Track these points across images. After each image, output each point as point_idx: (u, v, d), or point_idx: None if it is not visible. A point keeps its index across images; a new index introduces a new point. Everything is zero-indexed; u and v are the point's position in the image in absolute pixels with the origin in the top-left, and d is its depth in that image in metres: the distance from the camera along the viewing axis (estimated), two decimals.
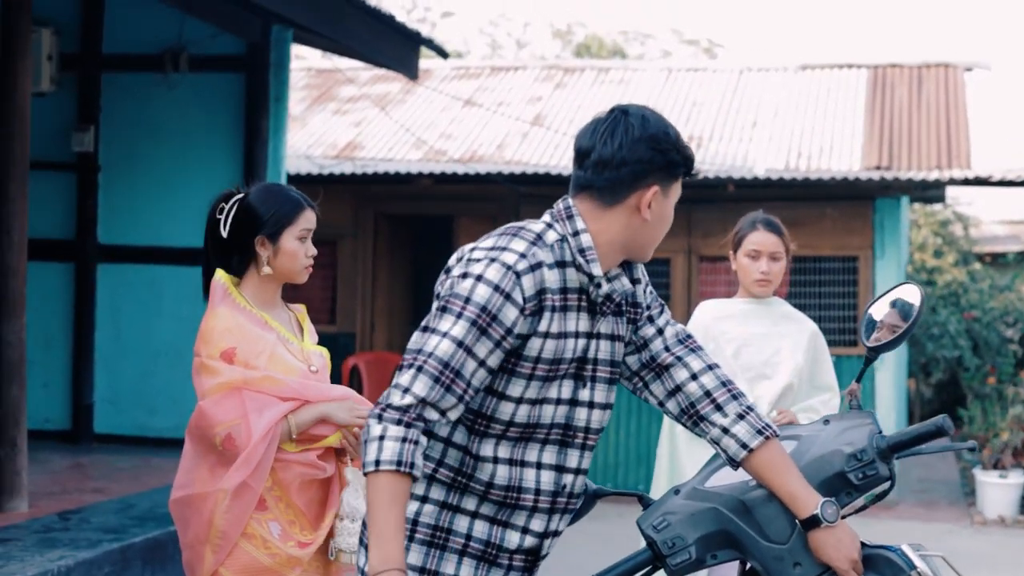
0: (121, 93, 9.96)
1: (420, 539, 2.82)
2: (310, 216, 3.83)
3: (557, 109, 14.63)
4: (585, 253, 2.76)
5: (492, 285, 2.67)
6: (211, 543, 3.64)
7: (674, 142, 2.81)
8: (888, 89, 14.32)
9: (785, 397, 4.96)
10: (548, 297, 2.73)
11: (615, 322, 2.88)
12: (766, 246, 5.00)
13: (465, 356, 2.65)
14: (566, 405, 2.82)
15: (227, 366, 3.67)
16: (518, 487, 2.81)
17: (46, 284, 9.71)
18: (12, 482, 6.81)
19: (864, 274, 11.90)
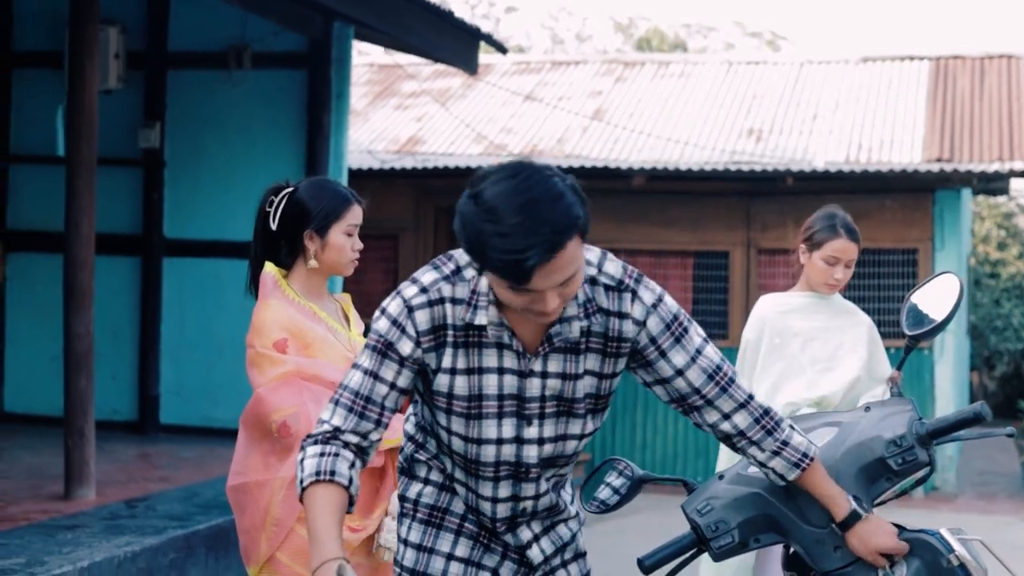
0: (186, 90, 10.14)
1: (420, 518, 2.94)
2: (357, 212, 3.89)
3: (617, 103, 14.67)
4: (478, 297, 2.72)
5: (391, 319, 2.73)
6: (266, 530, 3.74)
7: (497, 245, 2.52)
8: (950, 81, 14.24)
9: (853, 388, 5.01)
10: (449, 333, 2.72)
11: (572, 360, 2.79)
12: (846, 254, 5.03)
13: (373, 382, 2.75)
14: (511, 444, 2.81)
15: (279, 355, 3.76)
16: (477, 509, 2.91)
17: (114, 278, 9.90)
18: (80, 471, 6.96)
19: (924, 266, 11.88)
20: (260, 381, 3.79)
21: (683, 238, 12.53)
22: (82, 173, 7.03)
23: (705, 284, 12.49)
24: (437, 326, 2.72)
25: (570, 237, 2.51)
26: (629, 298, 2.77)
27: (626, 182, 12.56)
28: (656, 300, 2.79)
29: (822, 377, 5.05)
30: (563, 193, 2.54)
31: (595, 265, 2.79)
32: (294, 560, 3.74)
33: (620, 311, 2.77)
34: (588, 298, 2.76)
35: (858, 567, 2.81)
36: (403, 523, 2.98)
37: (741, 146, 13.03)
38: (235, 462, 3.86)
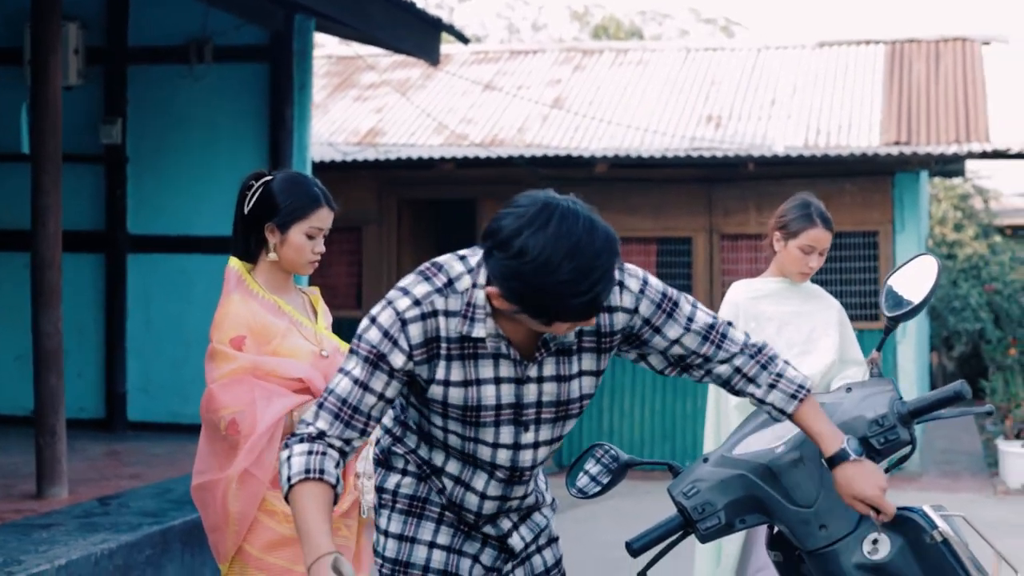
0: (147, 85, 10.09)
1: (400, 508, 2.97)
2: (323, 215, 3.85)
3: (577, 91, 14.72)
4: (474, 310, 2.71)
5: (382, 330, 2.71)
6: (230, 526, 3.78)
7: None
8: (906, 64, 14.36)
9: (829, 373, 5.09)
10: (442, 346, 2.72)
11: (565, 362, 2.81)
12: (821, 242, 5.09)
13: (362, 392, 2.74)
14: (508, 450, 2.84)
15: (235, 352, 3.76)
16: (460, 505, 2.93)
17: (78, 275, 9.85)
18: (52, 469, 6.94)
19: (884, 249, 11.99)
20: (213, 376, 3.80)
21: (646, 225, 12.59)
22: (48, 170, 6.99)
23: (669, 271, 12.55)
24: (430, 339, 2.71)
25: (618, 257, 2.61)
26: (617, 291, 2.79)
27: (588, 170, 12.60)
28: (642, 284, 2.83)
29: (800, 360, 5.12)
30: (592, 220, 2.61)
31: None
32: (262, 551, 3.76)
33: (610, 306, 2.79)
34: None
35: (843, 545, 2.86)
36: (382, 514, 3.00)
37: (701, 132, 13.10)
38: (197, 461, 3.89)
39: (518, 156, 12.47)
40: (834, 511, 2.88)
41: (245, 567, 3.79)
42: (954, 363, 17.78)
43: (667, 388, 12.35)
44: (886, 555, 2.83)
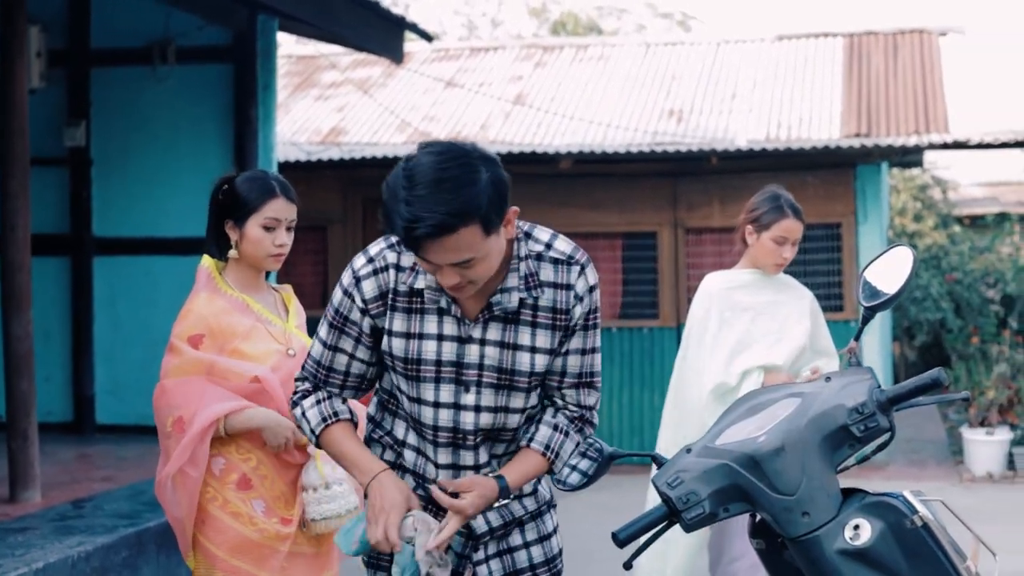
0: (111, 87, 10.06)
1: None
2: (279, 206, 3.86)
3: (538, 88, 14.76)
4: (416, 265, 2.88)
5: (343, 289, 2.94)
6: (182, 522, 3.82)
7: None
8: (864, 57, 14.47)
9: (799, 358, 5.17)
10: (392, 298, 2.90)
11: (512, 330, 2.93)
12: (793, 233, 5.17)
13: (332, 354, 2.99)
14: (448, 409, 2.94)
15: (191, 350, 3.79)
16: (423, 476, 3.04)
17: (44, 278, 9.80)
18: (25, 473, 6.94)
19: (848, 240, 12.08)
20: (166, 369, 3.83)
21: (611, 220, 12.64)
22: (16, 174, 6.99)
23: (634, 265, 12.61)
24: (383, 292, 2.89)
25: (464, 223, 2.65)
26: (577, 271, 2.97)
27: (552, 166, 12.63)
28: (595, 284, 3.01)
29: (773, 348, 5.20)
30: (476, 181, 2.67)
31: (543, 243, 2.98)
32: (229, 554, 3.80)
33: (567, 283, 2.95)
34: (530, 272, 2.93)
35: (826, 531, 2.90)
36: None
37: (663, 127, 13.16)
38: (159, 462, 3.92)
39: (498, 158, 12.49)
40: (816, 498, 2.92)
41: (212, 569, 3.82)
42: (916, 353, 17.92)
43: (634, 381, 12.41)
44: (868, 540, 2.87)
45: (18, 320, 6.96)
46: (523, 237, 2.95)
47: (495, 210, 2.72)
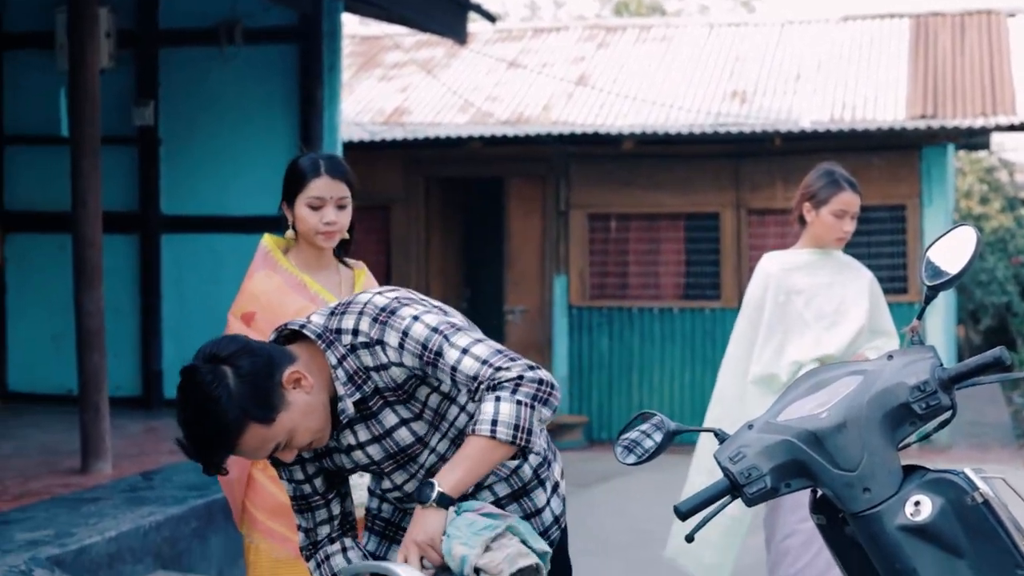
0: (179, 67, 10.19)
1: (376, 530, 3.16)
2: (321, 184, 3.86)
3: (601, 68, 14.75)
4: None
5: None
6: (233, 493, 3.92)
7: None
8: (931, 37, 14.35)
9: (856, 341, 5.16)
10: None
11: (374, 424, 2.88)
12: (852, 206, 5.16)
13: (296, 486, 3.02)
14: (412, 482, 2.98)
15: (242, 327, 3.84)
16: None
17: (113, 255, 9.92)
18: (97, 445, 7.07)
19: (912, 222, 12.02)
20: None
21: (673, 201, 12.65)
22: (87, 152, 7.11)
23: (697, 246, 12.61)
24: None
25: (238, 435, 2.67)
26: (380, 350, 2.80)
27: (614, 147, 12.66)
28: (400, 338, 2.79)
29: (827, 333, 5.19)
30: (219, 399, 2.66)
31: (350, 331, 2.82)
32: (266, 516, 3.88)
33: (380, 364, 2.81)
34: (356, 369, 2.81)
35: (887, 507, 2.93)
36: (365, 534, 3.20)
37: (726, 108, 13.13)
38: None
39: (545, 134, 12.54)
40: (877, 475, 2.94)
41: (252, 530, 3.92)
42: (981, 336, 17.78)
43: (696, 362, 12.43)
44: (928, 516, 2.89)
45: (89, 296, 7.08)
46: (329, 343, 2.81)
47: (257, 402, 2.67)
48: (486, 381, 2.75)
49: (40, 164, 10.15)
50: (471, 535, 2.73)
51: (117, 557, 5.62)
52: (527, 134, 12.63)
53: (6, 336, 10.44)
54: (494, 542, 2.74)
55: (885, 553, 2.88)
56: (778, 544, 5.23)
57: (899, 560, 2.86)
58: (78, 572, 5.29)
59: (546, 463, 3.21)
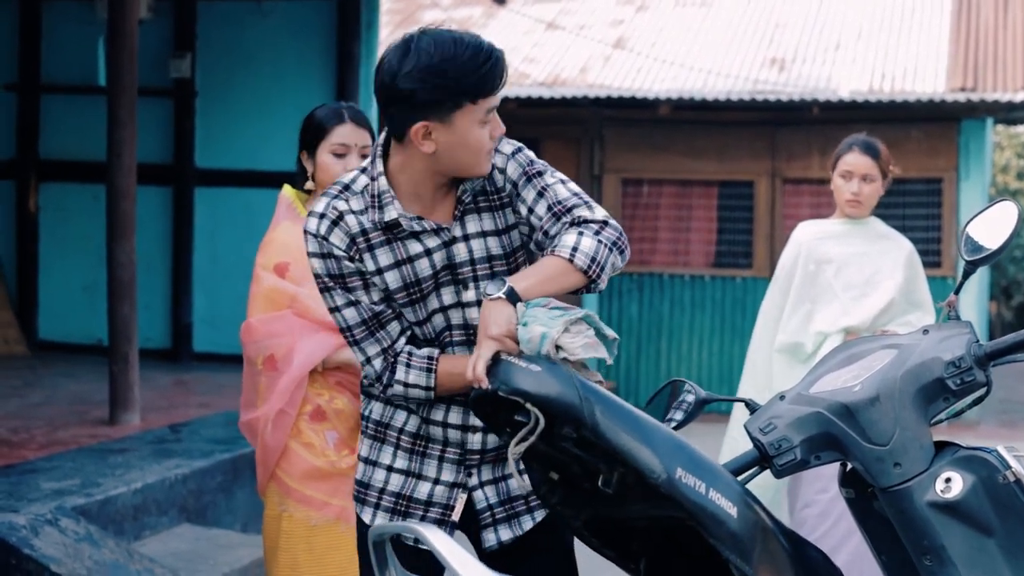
0: (216, 21, 10.17)
1: (369, 434, 3.09)
2: (345, 131, 3.82)
3: (639, 32, 14.66)
4: (381, 198, 2.88)
5: (317, 255, 2.92)
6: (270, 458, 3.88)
7: (437, 73, 2.74)
8: (973, 9, 14.19)
9: (886, 313, 5.10)
10: (364, 239, 2.89)
11: (483, 218, 2.96)
12: (858, 167, 5.10)
13: (362, 306, 2.93)
14: (456, 309, 2.96)
15: (275, 279, 3.81)
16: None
17: (146, 207, 9.92)
18: (125, 396, 7.09)
19: (948, 196, 11.93)
20: (251, 299, 3.86)
21: (708, 168, 12.58)
22: (124, 103, 7.10)
23: (730, 214, 12.55)
24: (352, 237, 2.89)
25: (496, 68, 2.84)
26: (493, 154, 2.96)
27: (651, 111, 12.59)
28: (513, 150, 2.98)
29: (856, 304, 5.14)
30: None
31: None
32: (300, 482, 3.84)
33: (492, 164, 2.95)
34: None
35: (917, 483, 2.91)
36: (361, 440, 3.13)
37: (764, 75, 13.04)
38: (243, 394, 3.98)
39: (581, 96, 12.48)
40: (909, 450, 2.92)
41: (285, 499, 3.87)
42: (1013, 313, 17.68)
43: (725, 330, 12.39)
44: (959, 493, 2.87)
45: (122, 247, 7.09)
46: None
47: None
48: (572, 215, 2.89)
49: (76, 113, 10.16)
50: (548, 319, 2.70)
51: (142, 509, 5.65)
52: (563, 96, 12.57)
53: (38, 285, 10.48)
54: (572, 326, 2.71)
55: (914, 529, 2.86)
56: (797, 513, 5.22)
57: (928, 537, 2.84)
58: (103, 522, 5.32)
59: None
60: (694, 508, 2.62)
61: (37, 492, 5.36)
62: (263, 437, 3.85)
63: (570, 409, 2.59)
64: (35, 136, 10.45)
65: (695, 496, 2.63)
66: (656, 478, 2.60)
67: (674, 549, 2.99)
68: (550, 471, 2.84)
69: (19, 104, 10.42)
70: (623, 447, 2.61)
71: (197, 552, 5.68)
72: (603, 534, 2.93)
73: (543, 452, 2.75)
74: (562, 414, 2.60)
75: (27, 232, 10.45)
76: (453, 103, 2.76)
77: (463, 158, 2.84)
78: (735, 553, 2.65)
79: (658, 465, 2.61)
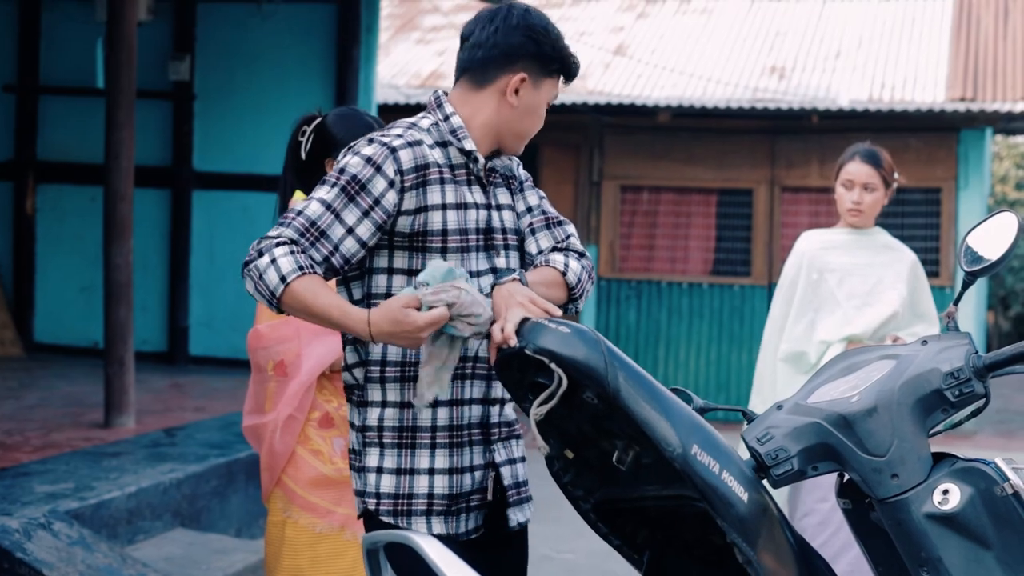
0: (216, 23, 10.16)
1: (390, 443, 2.93)
2: None
3: (639, 39, 14.65)
4: (456, 132, 2.93)
5: (365, 157, 2.84)
6: (277, 463, 3.85)
7: (551, 37, 2.96)
8: (973, 19, 14.19)
9: (889, 324, 5.08)
10: (434, 170, 2.88)
11: (508, 195, 3.07)
12: (859, 177, 5.09)
13: (332, 218, 2.79)
14: (487, 275, 2.94)
15: None
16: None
17: (144, 210, 9.95)
18: (120, 399, 7.08)
19: (947, 206, 11.91)
20: (258, 309, 3.84)
21: (707, 175, 12.57)
22: (122, 104, 7.09)
23: (728, 222, 12.54)
24: (421, 164, 2.86)
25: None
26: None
27: (650, 118, 12.57)
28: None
29: (858, 314, 5.12)
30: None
31: None
32: (306, 489, 3.81)
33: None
34: None
35: (914, 494, 2.89)
36: (370, 453, 2.96)
37: (764, 83, 13.03)
38: (247, 400, 3.95)
39: (581, 103, 12.46)
40: (907, 461, 2.90)
41: (290, 504, 3.84)
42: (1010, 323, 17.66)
43: (723, 338, 12.37)
44: (956, 505, 2.85)
45: (119, 248, 7.08)
46: None
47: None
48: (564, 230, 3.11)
49: (74, 115, 10.15)
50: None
51: (136, 513, 5.63)
52: (562, 102, 12.55)
53: (34, 286, 10.47)
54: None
55: (911, 541, 2.85)
56: (796, 523, 5.20)
57: (924, 548, 2.82)
58: (97, 526, 5.29)
59: None
60: (705, 487, 2.63)
61: (30, 495, 5.34)
62: (271, 442, 3.82)
63: (594, 373, 2.61)
64: (33, 137, 10.44)
65: (708, 475, 2.63)
66: (672, 452, 2.60)
67: (679, 546, 2.98)
68: (565, 448, 2.83)
69: (17, 105, 10.41)
70: (643, 417, 2.62)
71: (191, 557, 5.66)
72: (610, 520, 2.92)
73: (560, 425, 2.75)
74: (586, 377, 2.62)
75: (24, 233, 10.44)
76: (552, 69, 2.97)
77: (526, 125, 3.00)
78: (741, 535, 2.65)
79: (675, 439, 2.62)
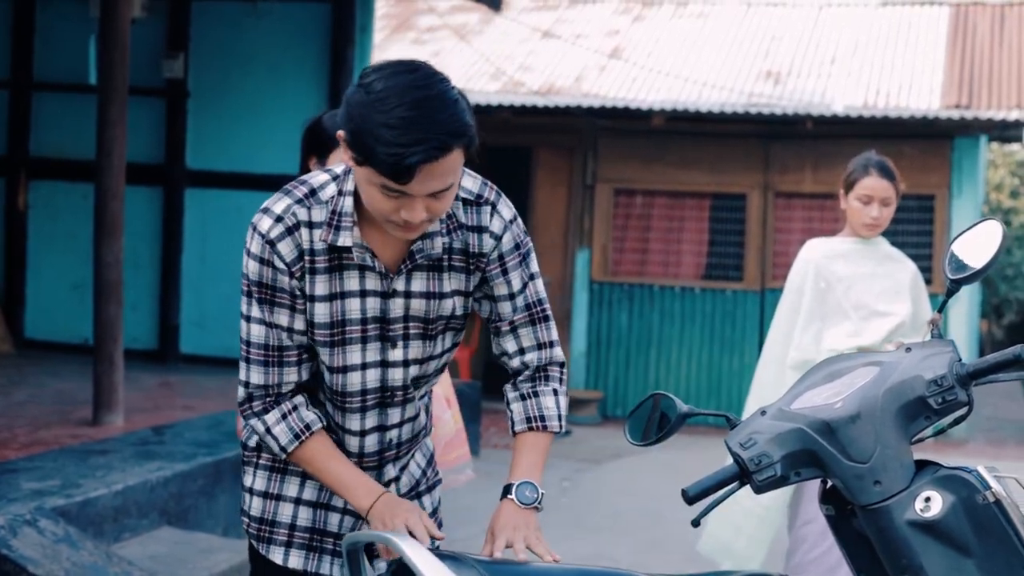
0: (211, 21, 10.15)
1: (264, 464, 2.88)
2: None
3: (635, 42, 14.66)
4: (340, 218, 2.62)
5: (256, 258, 2.62)
6: None
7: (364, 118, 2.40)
8: (969, 27, 14.21)
9: (896, 333, 5.09)
10: (309, 259, 2.62)
11: (435, 279, 2.73)
12: (878, 192, 5.08)
13: (274, 331, 2.65)
14: (376, 368, 2.74)
15: None
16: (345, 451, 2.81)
17: (136, 207, 9.92)
18: (109, 397, 7.07)
19: (940, 214, 11.92)
20: None
21: (700, 180, 12.57)
22: (114, 101, 7.09)
23: (721, 226, 12.54)
24: (300, 252, 2.61)
25: (457, 144, 2.45)
26: (488, 212, 2.74)
27: (644, 122, 12.58)
28: (513, 217, 2.78)
29: (866, 323, 5.12)
30: (457, 100, 2.47)
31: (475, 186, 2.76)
32: None
33: (479, 225, 2.73)
34: (449, 214, 2.70)
35: (897, 501, 2.89)
36: (246, 471, 2.91)
37: (759, 88, 13.04)
38: None
39: (575, 106, 12.47)
40: (889, 468, 2.90)
41: None
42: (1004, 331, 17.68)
43: (714, 343, 12.37)
44: (938, 513, 2.85)
45: (109, 246, 7.07)
46: None
47: (475, 130, 2.51)
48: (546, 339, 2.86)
49: (67, 112, 10.14)
50: None
51: (123, 511, 5.62)
52: (557, 105, 12.56)
53: (25, 283, 10.45)
54: None
55: (892, 548, 2.85)
56: (797, 530, 5.21)
57: (906, 556, 2.82)
58: (83, 524, 5.29)
59: None
60: None
61: (17, 492, 5.33)
62: None
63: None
64: (26, 134, 10.43)
65: None
66: None
67: None
68: None
69: (10, 101, 10.40)
70: None
71: (176, 556, 5.65)
72: None
73: None
74: None
75: (16, 230, 10.43)
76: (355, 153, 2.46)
77: (368, 202, 2.53)
78: None
79: None
